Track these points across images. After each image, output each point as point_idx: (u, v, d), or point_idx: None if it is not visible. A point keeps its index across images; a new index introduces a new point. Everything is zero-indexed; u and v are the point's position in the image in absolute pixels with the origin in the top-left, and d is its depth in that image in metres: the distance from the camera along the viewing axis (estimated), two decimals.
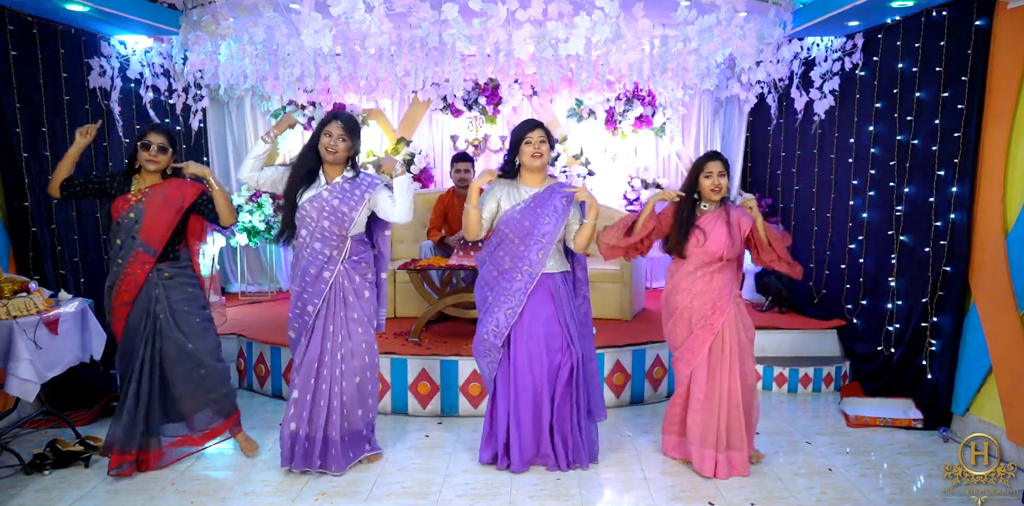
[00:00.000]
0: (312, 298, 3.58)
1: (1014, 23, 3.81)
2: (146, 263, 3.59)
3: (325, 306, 3.59)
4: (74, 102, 4.77)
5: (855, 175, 5.17)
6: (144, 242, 3.56)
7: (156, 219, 3.56)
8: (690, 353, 3.65)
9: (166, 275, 3.64)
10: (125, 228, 3.57)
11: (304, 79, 4.74)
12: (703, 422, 3.63)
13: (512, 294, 3.57)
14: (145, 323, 3.61)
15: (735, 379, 3.62)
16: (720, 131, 6.70)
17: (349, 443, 3.70)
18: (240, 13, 4.54)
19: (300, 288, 3.60)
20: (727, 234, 3.60)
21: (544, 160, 3.60)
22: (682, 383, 3.72)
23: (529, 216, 3.56)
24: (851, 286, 5.24)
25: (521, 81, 6.37)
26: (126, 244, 3.57)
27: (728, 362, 3.61)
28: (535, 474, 3.68)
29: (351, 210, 3.53)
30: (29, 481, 3.61)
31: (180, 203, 3.62)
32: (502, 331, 3.59)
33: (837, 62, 5.27)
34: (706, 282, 3.63)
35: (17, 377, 3.47)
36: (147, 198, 3.58)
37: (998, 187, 3.92)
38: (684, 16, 4.42)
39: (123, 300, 3.61)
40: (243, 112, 6.71)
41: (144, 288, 3.61)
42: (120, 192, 3.61)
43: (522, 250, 3.56)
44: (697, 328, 3.63)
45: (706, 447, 3.63)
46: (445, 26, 4.25)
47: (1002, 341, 3.84)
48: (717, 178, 3.59)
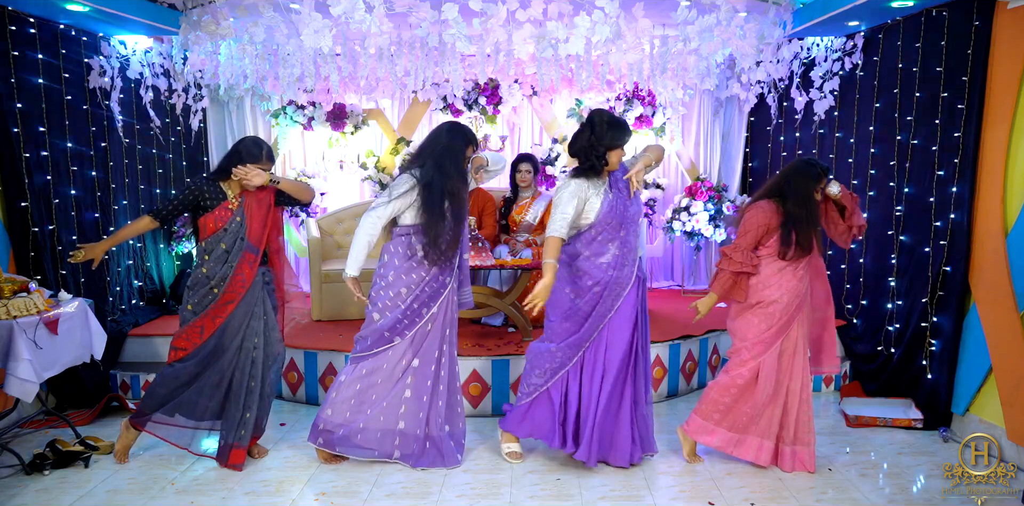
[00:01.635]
0: (431, 302, 3.69)
1: (1014, 23, 3.81)
2: (253, 263, 3.68)
3: (440, 312, 3.72)
4: (74, 102, 4.78)
5: (855, 175, 5.17)
6: (251, 243, 3.66)
7: (256, 219, 3.67)
8: (762, 346, 3.67)
9: (266, 279, 3.78)
10: (232, 232, 3.65)
11: (304, 79, 4.74)
12: (770, 415, 3.68)
13: (622, 281, 3.62)
14: (251, 322, 3.71)
15: (807, 375, 3.68)
16: (720, 131, 6.69)
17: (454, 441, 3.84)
18: (240, 13, 4.54)
19: (421, 292, 3.66)
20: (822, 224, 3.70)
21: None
22: (741, 375, 3.68)
23: (622, 201, 3.62)
24: (851, 286, 5.24)
25: (521, 81, 6.36)
26: (235, 247, 3.65)
27: (800, 357, 3.67)
28: (536, 474, 3.68)
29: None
30: (29, 481, 3.61)
31: (268, 200, 3.73)
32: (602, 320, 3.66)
33: (837, 62, 5.27)
34: (796, 278, 3.65)
35: (17, 377, 3.47)
36: (244, 201, 3.68)
37: (998, 187, 3.92)
38: (684, 16, 4.42)
39: (227, 299, 3.66)
40: (243, 112, 6.70)
41: (251, 288, 3.70)
42: (217, 202, 3.66)
43: (624, 235, 3.62)
44: (779, 323, 3.65)
45: (767, 438, 3.70)
46: (445, 26, 4.25)
47: (1002, 341, 3.84)
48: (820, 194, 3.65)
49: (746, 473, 3.70)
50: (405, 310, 3.66)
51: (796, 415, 3.68)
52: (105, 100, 5.07)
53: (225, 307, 3.66)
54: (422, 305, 3.67)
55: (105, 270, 5.06)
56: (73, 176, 4.75)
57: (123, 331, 5.12)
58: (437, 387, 3.74)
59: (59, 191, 4.62)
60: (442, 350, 3.75)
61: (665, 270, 7.09)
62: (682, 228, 6.46)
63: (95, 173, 4.97)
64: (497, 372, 4.56)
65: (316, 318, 5.56)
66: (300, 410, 4.71)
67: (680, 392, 4.95)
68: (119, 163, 5.27)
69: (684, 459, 3.86)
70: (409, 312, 3.66)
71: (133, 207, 5.42)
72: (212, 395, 3.71)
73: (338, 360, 4.70)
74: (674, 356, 4.89)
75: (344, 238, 6.04)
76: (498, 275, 5.52)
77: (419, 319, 3.68)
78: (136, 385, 4.96)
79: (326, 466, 3.79)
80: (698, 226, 6.40)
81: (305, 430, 4.33)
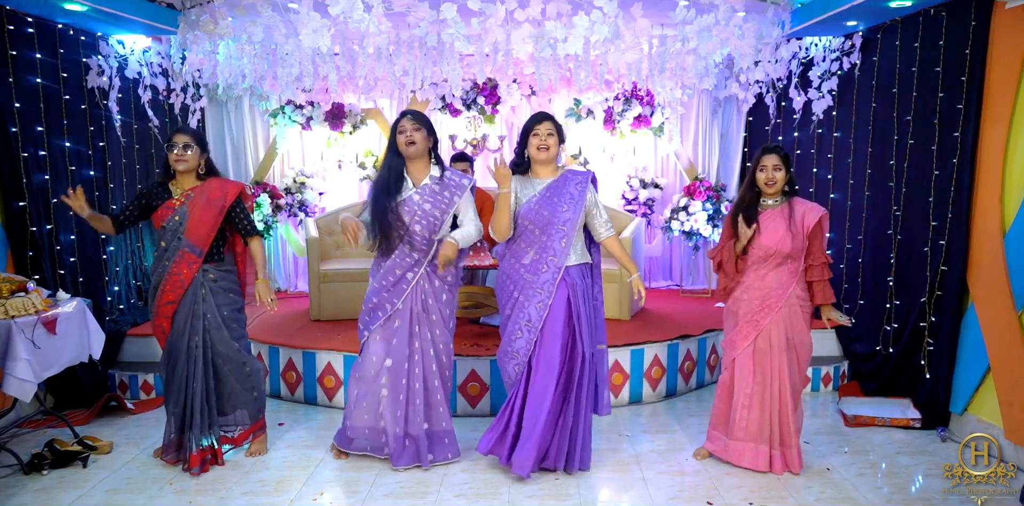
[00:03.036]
0: (392, 298, 3.66)
1: (1012, 23, 3.82)
2: (193, 263, 3.64)
3: (406, 308, 3.66)
4: (72, 102, 4.77)
5: (853, 174, 5.17)
6: (190, 242, 3.62)
7: (201, 218, 3.62)
8: (731, 345, 3.70)
9: (211, 277, 3.70)
10: (170, 230, 3.64)
11: (302, 79, 4.73)
12: (757, 419, 3.66)
13: (540, 287, 3.52)
14: (192, 322, 3.67)
15: (784, 378, 3.62)
16: (719, 131, 6.70)
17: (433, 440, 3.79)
18: (238, 13, 4.53)
19: (380, 286, 3.68)
20: (786, 229, 3.55)
21: (551, 153, 3.60)
22: (722, 377, 3.77)
23: (547, 206, 3.55)
24: (849, 286, 5.25)
25: (520, 81, 6.36)
26: (172, 245, 3.64)
27: (776, 361, 3.61)
28: (533, 474, 3.67)
29: (442, 213, 3.62)
30: (28, 481, 3.61)
31: (223, 201, 3.67)
32: (535, 325, 3.52)
33: (835, 62, 5.27)
34: (758, 278, 3.62)
35: (15, 377, 3.47)
36: (190, 200, 3.65)
37: (996, 186, 3.92)
38: (683, 16, 4.42)
39: (168, 299, 3.65)
40: (241, 112, 6.70)
41: (190, 288, 3.66)
42: (162, 201, 3.68)
43: (544, 240, 3.54)
44: (743, 322, 3.65)
45: (760, 443, 3.67)
46: (444, 26, 4.25)
47: (1000, 341, 3.84)
48: (772, 172, 3.57)
49: (745, 473, 3.69)
50: (369, 305, 3.72)
51: (778, 418, 3.65)
52: (103, 100, 5.07)
53: (168, 307, 3.66)
54: (383, 300, 3.68)
55: (103, 270, 5.05)
56: (71, 176, 4.74)
57: (121, 331, 5.12)
58: (413, 385, 3.70)
59: (57, 191, 4.60)
60: (414, 347, 3.69)
61: (664, 270, 7.09)
62: (680, 228, 6.47)
63: (93, 173, 4.96)
64: (496, 372, 4.56)
65: (315, 318, 5.56)
66: (298, 410, 4.71)
67: (679, 392, 4.95)
68: (117, 163, 5.26)
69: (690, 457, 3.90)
70: (372, 306, 3.71)
71: None
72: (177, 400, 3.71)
73: (337, 360, 4.70)
74: (672, 356, 4.89)
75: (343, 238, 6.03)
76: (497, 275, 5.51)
77: (383, 314, 3.68)
78: (134, 385, 4.95)
79: (324, 466, 3.80)
80: (696, 226, 6.41)
81: (304, 430, 4.34)
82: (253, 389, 3.85)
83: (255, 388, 3.86)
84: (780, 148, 3.62)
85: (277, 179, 6.77)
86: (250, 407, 3.89)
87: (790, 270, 3.60)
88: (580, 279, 3.58)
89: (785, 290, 3.59)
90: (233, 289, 3.79)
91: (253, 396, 3.86)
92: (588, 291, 3.62)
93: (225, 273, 3.76)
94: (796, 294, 3.62)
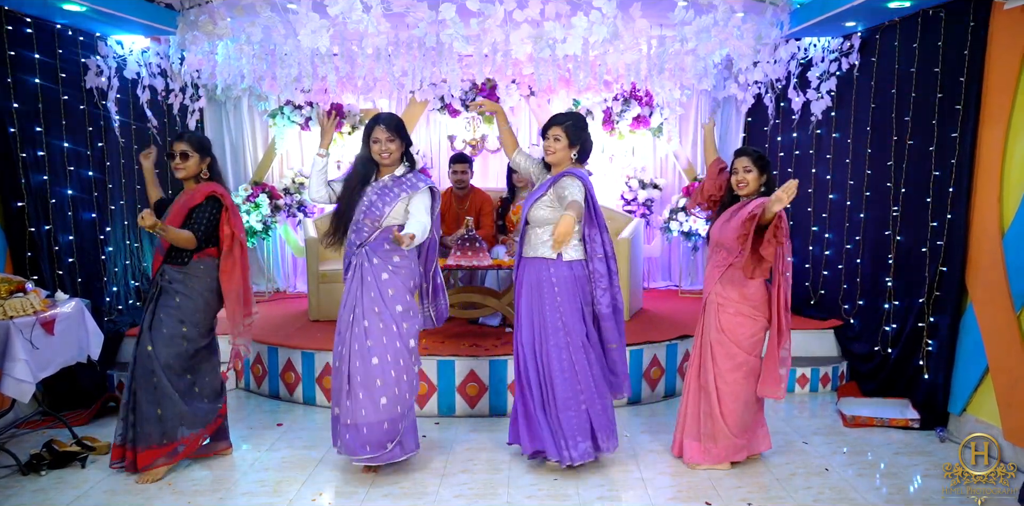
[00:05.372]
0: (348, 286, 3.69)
1: (1011, 23, 3.82)
2: (157, 260, 3.71)
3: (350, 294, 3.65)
4: (71, 102, 4.77)
5: (852, 175, 5.18)
6: (160, 240, 3.65)
7: (172, 220, 3.63)
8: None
9: (167, 278, 3.66)
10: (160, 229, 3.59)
11: (301, 79, 4.73)
12: (695, 414, 3.75)
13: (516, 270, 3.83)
14: (143, 318, 3.66)
15: (706, 373, 3.67)
16: (718, 131, 6.69)
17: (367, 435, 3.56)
18: (237, 13, 4.53)
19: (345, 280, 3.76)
20: (727, 220, 3.63)
21: (557, 156, 3.67)
22: None
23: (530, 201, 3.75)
24: (848, 286, 5.25)
25: (519, 81, 6.36)
26: (155, 240, 3.73)
27: (702, 351, 3.71)
28: (533, 474, 3.68)
29: (385, 205, 3.63)
30: (26, 482, 3.60)
31: (190, 204, 3.66)
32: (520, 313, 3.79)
33: (834, 63, 5.27)
34: (710, 270, 3.73)
35: (13, 377, 3.46)
36: (175, 201, 3.71)
37: (994, 187, 3.92)
38: (681, 16, 4.42)
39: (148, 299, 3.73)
40: (240, 112, 6.70)
41: (152, 282, 3.72)
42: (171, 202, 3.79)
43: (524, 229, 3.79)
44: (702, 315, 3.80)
45: (694, 439, 3.75)
46: (443, 26, 4.25)
47: (999, 341, 3.84)
48: (743, 174, 3.61)
49: (744, 473, 3.70)
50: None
51: (690, 407, 3.76)
52: (102, 100, 5.07)
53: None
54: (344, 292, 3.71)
55: (102, 270, 5.05)
56: (70, 176, 4.74)
57: (120, 331, 5.11)
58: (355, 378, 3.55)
59: (56, 191, 4.61)
60: (347, 343, 3.59)
61: (662, 270, 7.09)
62: (679, 228, 6.47)
63: (92, 173, 4.96)
64: (494, 372, 4.56)
65: (313, 318, 5.56)
66: (297, 410, 4.71)
67: (678, 391, 4.94)
68: (116, 163, 5.26)
69: None
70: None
71: (130, 207, 5.40)
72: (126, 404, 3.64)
73: None
74: (671, 356, 4.89)
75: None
76: (495, 275, 5.52)
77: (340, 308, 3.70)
78: None
79: (323, 466, 3.80)
80: (695, 226, 6.41)
81: (303, 430, 4.34)
82: (156, 405, 3.53)
83: (159, 404, 3.53)
84: (753, 151, 3.63)
85: (276, 179, 6.77)
86: (152, 426, 3.53)
87: (716, 262, 3.66)
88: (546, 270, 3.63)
89: (712, 280, 3.68)
90: (187, 294, 3.60)
91: (157, 413, 3.53)
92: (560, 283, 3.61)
93: (183, 277, 3.61)
94: (717, 291, 3.64)
